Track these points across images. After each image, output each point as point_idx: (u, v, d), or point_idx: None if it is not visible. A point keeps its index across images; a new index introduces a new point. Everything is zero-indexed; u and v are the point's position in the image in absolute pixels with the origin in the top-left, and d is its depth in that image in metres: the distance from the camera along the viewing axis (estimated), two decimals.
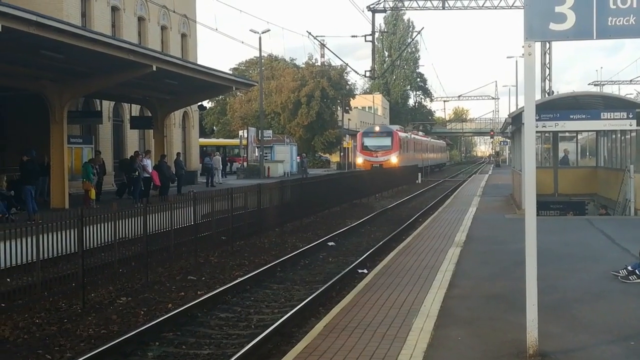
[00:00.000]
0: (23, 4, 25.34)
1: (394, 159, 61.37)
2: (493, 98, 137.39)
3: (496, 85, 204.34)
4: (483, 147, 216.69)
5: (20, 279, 12.66)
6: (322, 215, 29.42)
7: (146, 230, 15.81)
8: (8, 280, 12.62)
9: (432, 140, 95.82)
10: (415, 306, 10.42)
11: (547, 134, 30.83)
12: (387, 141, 63.36)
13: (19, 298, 12.37)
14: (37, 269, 12.65)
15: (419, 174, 64.08)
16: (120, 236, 15.14)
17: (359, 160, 64.26)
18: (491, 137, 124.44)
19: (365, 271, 16.06)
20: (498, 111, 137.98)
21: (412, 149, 71.83)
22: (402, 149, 64.42)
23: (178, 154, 37.61)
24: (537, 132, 22.90)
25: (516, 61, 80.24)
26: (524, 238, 7.82)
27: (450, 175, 78.10)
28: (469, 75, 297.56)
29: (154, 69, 25.51)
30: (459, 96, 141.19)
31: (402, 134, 67.28)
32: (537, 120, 7.27)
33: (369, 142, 64.23)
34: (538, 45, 8.11)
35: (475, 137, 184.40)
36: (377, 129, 67.12)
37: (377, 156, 62.38)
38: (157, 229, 16.70)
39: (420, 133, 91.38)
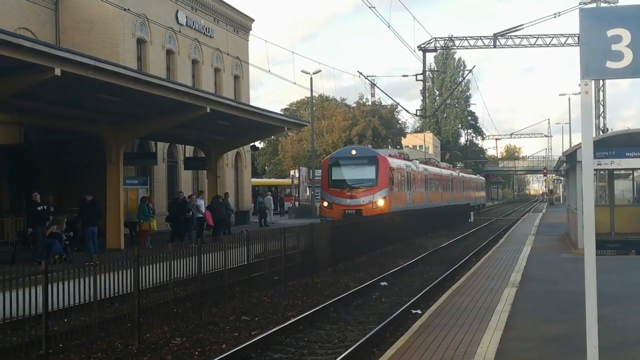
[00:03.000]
0: (81, 49, 26.05)
1: (380, 202, 37.45)
2: (546, 135, 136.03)
3: (549, 123, 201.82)
4: (536, 185, 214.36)
5: (77, 319, 12.81)
6: (374, 255, 29.27)
7: (200, 270, 15.91)
8: (65, 320, 12.77)
9: (461, 174, 70.57)
10: (472, 348, 10.27)
11: (602, 172, 30.35)
12: (368, 172, 38.68)
13: (76, 338, 12.51)
14: (94, 309, 12.80)
15: (472, 213, 63.06)
16: (175, 276, 15.25)
17: (324, 203, 38.66)
18: (544, 175, 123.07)
19: (419, 311, 15.89)
20: (551, 149, 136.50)
21: (419, 184, 47.68)
22: (392, 184, 39.67)
23: (226, 194, 37.71)
24: (593, 170, 22.56)
25: (569, 98, 79.43)
26: (582, 278, 7.67)
27: (503, 214, 77.15)
28: (521, 113, 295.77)
29: (208, 110, 25.89)
30: (511, 134, 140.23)
31: (395, 162, 41.60)
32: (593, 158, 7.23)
33: (340, 173, 39.04)
34: (593, 82, 8.03)
35: (528, 175, 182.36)
36: (353, 152, 40.09)
37: (352, 196, 37.73)
38: (210, 269, 16.79)
39: (444, 164, 69.92)
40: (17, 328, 11.99)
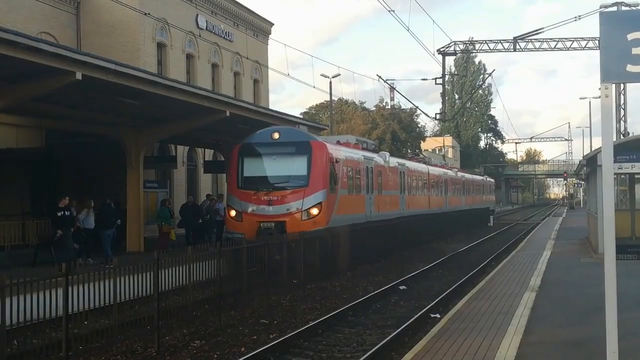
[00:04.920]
0: (102, 53, 26.25)
1: (313, 210, 24.20)
2: (566, 139, 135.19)
3: (569, 127, 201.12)
4: (556, 189, 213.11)
5: (97, 321, 12.89)
6: (392, 259, 29.22)
7: (220, 272, 15.97)
8: (85, 322, 12.86)
9: (461, 174, 56.07)
10: (490, 353, 10.23)
11: (622, 176, 30.15)
12: (297, 165, 25.02)
13: (96, 341, 12.59)
14: (114, 312, 12.87)
15: (491, 217, 62.48)
16: (195, 279, 15.31)
17: (231, 212, 24.82)
18: (564, 179, 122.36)
19: (438, 315, 15.84)
20: (571, 152, 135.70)
21: (389, 185, 33.01)
22: (336, 184, 25.49)
23: (208, 195, 33.02)
24: (613, 174, 22.42)
25: (589, 102, 78.94)
26: (602, 282, 7.63)
27: (523, 218, 76.79)
28: (542, 117, 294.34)
29: (227, 114, 26.00)
30: (531, 138, 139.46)
31: (342, 151, 27.14)
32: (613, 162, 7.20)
33: (256, 167, 25.47)
34: (613, 86, 7.99)
35: (548, 179, 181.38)
36: (275, 135, 25.43)
37: (271, 202, 24.22)
38: (229, 271, 16.84)
39: (436, 161, 57.56)
40: (37, 330, 12.08)
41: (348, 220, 25.45)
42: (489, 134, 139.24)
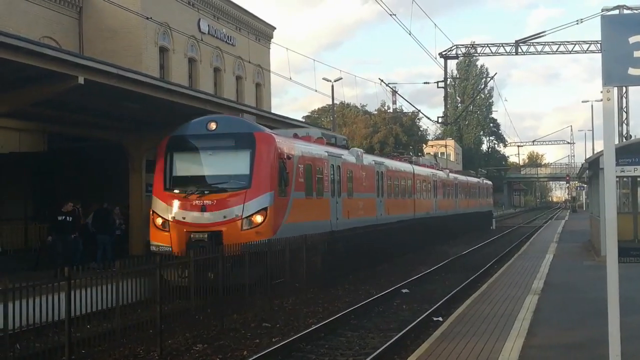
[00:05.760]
0: (104, 57, 26.30)
1: (257, 217, 19.62)
2: (568, 142, 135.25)
3: (571, 130, 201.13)
4: (559, 192, 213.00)
5: (100, 325, 12.91)
6: (395, 263, 29.22)
7: (223, 276, 15.98)
8: (88, 326, 12.87)
9: (453, 175, 50.83)
10: (493, 356, 10.23)
11: (625, 179, 30.14)
12: (237, 163, 20.59)
13: (99, 344, 12.61)
14: (116, 316, 12.88)
15: (493, 221, 62.35)
16: (197, 282, 15.31)
17: (156, 219, 20.15)
18: (567, 182, 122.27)
19: (441, 319, 15.85)
20: (574, 156, 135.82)
21: (364, 187, 28.52)
22: (285, 185, 20.76)
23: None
24: (615, 177, 22.46)
25: (592, 105, 78.88)
26: (604, 285, 7.63)
27: (526, 222, 76.75)
28: (545, 120, 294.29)
29: None
30: (533, 141, 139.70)
31: (294, 145, 22.41)
32: (615, 165, 7.18)
33: (187, 164, 21.27)
34: (615, 89, 7.99)
35: (551, 182, 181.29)
36: (211, 125, 20.66)
37: (204, 207, 19.61)
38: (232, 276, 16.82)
39: (426, 161, 49.66)
40: (40, 334, 12.10)
41: (306, 229, 21.20)
42: (491, 137, 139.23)
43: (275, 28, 53.46)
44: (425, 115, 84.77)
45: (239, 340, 14.33)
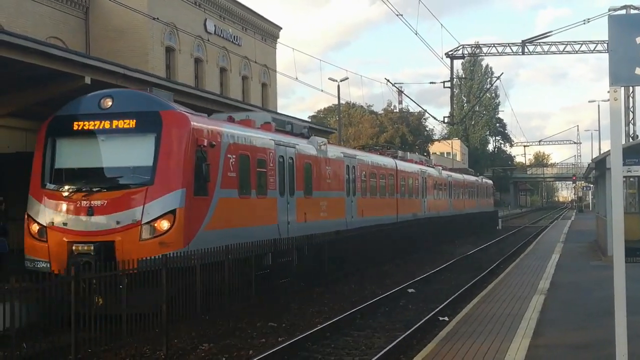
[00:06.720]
0: (111, 57, 26.35)
1: (163, 223, 14.86)
2: (575, 142, 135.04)
3: (578, 130, 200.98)
4: (565, 192, 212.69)
5: (106, 325, 12.92)
6: (401, 262, 29.18)
7: (230, 275, 16.00)
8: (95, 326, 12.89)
9: (447, 172, 46.37)
10: (500, 356, 10.23)
11: (631, 179, 30.09)
12: (137, 150, 15.76)
13: (105, 344, 12.64)
14: (123, 316, 12.90)
15: (499, 220, 62.21)
16: (203, 282, 15.30)
17: (32, 226, 15.41)
18: (573, 182, 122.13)
19: (447, 319, 15.84)
20: (580, 155, 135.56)
21: (324, 185, 23.74)
22: (205, 180, 15.80)
23: None
24: (622, 177, 22.46)
25: (598, 105, 78.90)
26: (611, 285, 7.63)
27: (532, 222, 76.64)
28: (552, 120, 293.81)
29: None
30: (540, 141, 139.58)
31: (221, 130, 17.27)
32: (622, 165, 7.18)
33: (73, 154, 16.33)
34: (622, 89, 7.98)
35: (557, 182, 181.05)
36: (106, 102, 15.82)
37: (91, 209, 14.93)
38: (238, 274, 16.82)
39: (420, 159, 42.76)
40: (47, 333, 12.13)
41: (240, 237, 16.97)
42: (497, 137, 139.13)
43: (281, 28, 53.50)
44: (431, 115, 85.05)
45: (244, 340, 14.34)
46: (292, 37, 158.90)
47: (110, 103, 15.84)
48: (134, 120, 15.61)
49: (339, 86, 51.87)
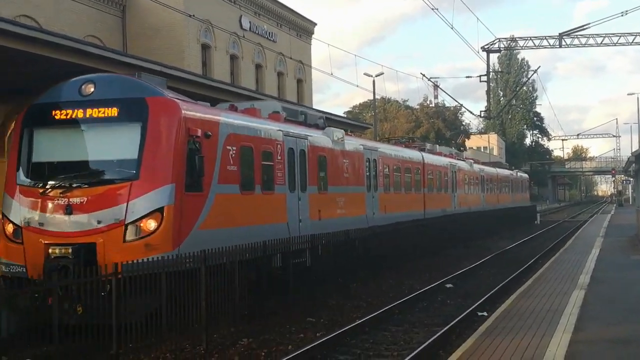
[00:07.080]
0: (147, 55, 26.57)
1: (150, 222, 13.35)
2: (614, 135, 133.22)
3: (617, 122, 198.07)
4: (604, 186, 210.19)
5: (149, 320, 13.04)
6: (438, 258, 29.04)
7: (267, 272, 16.07)
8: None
9: (477, 166, 44.11)
10: (540, 351, 10.15)
11: None
12: (121, 141, 14.16)
13: (147, 338, 12.75)
14: (164, 310, 13.01)
15: (537, 215, 61.67)
16: (241, 277, 15.36)
17: (7, 226, 14.04)
18: (613, 176, 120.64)
19: (485, 314, 15.74)
20: (619, 149, 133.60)
21: (341, 179, 22.08)
22: (197, 175, 14.17)
23: None
24: None
25: (637, 98, 77.80)
26: None
27: (570, 216, 75.86)
28: (591, 113, 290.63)
29: None
30: (578, 134, 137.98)
31: (216, 118, 15.69)
32: None
33: (51, 146, 14.70)
34: None
35: (596, 176, 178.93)
36: (88, 88, 14.35)
37: (69, 208, 13.48)
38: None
39: (449, 152, 41.55)
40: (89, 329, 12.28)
41: (243, 237, 15.51)
42: (534, 131, 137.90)
43: (316, 24, 53.51)
44: (467, 110, 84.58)
45: (283, 335, 14.39)
46: (327, 32, 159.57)
47: (92, 89, 14.39)
48: (118, 108, 14.13)
49: (374, 81, 51.81)
